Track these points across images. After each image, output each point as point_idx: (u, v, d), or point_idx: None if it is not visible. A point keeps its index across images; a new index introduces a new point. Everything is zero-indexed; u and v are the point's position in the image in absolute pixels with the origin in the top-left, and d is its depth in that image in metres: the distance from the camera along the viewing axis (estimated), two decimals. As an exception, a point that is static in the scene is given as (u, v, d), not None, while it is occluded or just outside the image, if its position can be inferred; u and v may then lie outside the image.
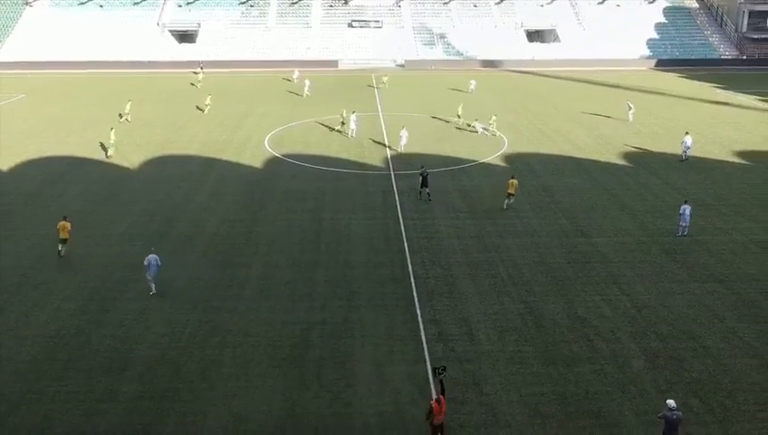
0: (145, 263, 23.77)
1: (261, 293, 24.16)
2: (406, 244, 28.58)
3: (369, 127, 50.21)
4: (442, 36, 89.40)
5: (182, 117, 54.00)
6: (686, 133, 42.73)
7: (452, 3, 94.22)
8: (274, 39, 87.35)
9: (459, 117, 51.24)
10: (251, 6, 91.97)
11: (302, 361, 19.92)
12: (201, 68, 77.97)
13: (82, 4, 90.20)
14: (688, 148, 41.49)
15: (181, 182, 36.96)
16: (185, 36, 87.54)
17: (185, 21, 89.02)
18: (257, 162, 41.13)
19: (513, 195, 32.87)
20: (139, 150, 43.45)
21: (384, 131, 48.89)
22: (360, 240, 28.97)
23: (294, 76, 72.55)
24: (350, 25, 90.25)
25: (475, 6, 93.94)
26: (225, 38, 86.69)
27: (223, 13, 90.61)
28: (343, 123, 48.66)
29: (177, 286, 24.51)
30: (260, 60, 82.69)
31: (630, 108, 53.02)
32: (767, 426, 17.07)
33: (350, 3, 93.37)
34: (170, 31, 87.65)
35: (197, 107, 57.60)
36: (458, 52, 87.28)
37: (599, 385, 18.77)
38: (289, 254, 27.53)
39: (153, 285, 23.84)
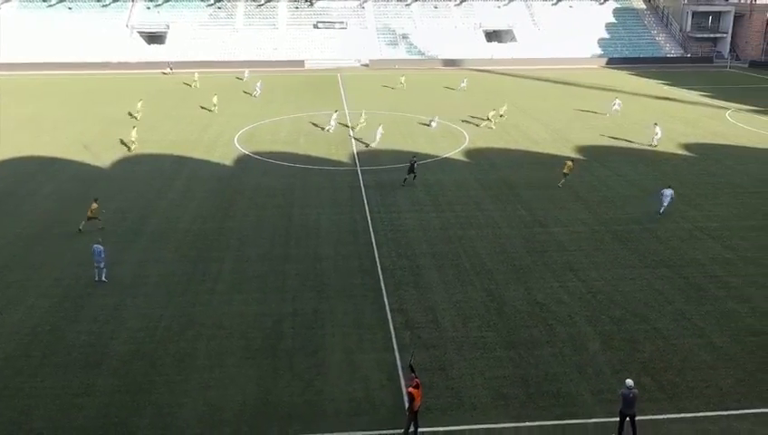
0: (92, 251, 24.13)
1: (233, 286, 23.95)
2: (373, 237, 28.60)
3: (336, 125, 50.10)
4: (404, 36, 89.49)
5: (153, 116, 53.14)
6: (655, 124, 44.87)
7: (413, 4, 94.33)
8: (242, 40, 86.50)
9: (502, 116, 50.82)
10: (219, 8, 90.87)
11: (274, 351, 19.83)
12: (170, 68, 77.16)
13: (51, 6, 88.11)
14: (657, 136, 43.94)
15: (153, 180, 36.39)
16: (154, 37, 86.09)
17: (153, 22, 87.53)
18: (227, 160, 40.70)
19: (567, 175, 35.27)
20: (111, 150, 42.64)
21: (350, 129, 48.77)
22: (329, 234, 28.90)
23: (245, 76, 72.14)
24: (315, 26, 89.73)
25: (436, 8, 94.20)
26: (193, 39, 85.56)
27: (191, 14, 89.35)
28: (364, 122, 48.78)
29: (151, 282, 24.17)
30: (229, 60, 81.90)
31: (615, 104, 53.79)
32: (713, 402, 17.52)
33: (315, 5, 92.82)
34: (139, 32, 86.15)
35: (202, 107, 56.67)
36: (420, 51, 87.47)
37: (557, 367, 19.06)
38: (260, 248, 27.34)
39: (97, 272, 24.00)
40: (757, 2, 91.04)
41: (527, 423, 16.70)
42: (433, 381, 18.28)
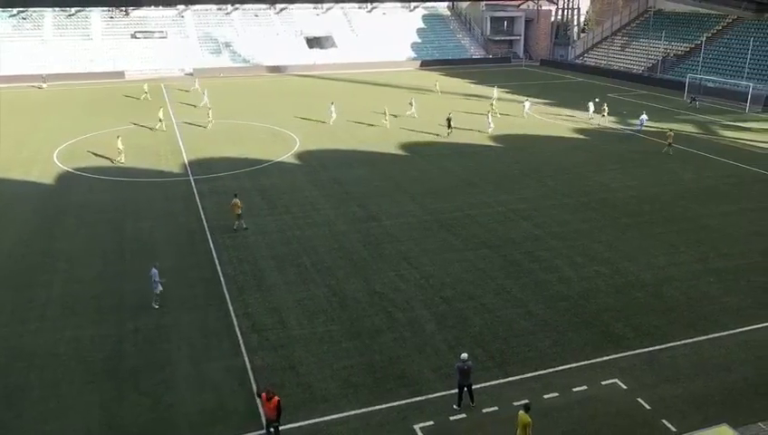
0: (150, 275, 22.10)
1: (66, 310, 21.97)
2: (212, 245, 27.63)
3: (165, 135, 47.73)
4: (227, 45, 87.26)
5: (-45, 137, 47.24)
6: (596, 99, 52.61)
7: (234, 12, 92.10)
8: (53, 51, 79.34)
9: (492, 104, 54.09)
10: (23, 19, 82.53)
11: (116, 372, 18.49)
12: (44, 81, 70.88)
13: None
14: (591, 115, 52.04)
15: (-39, 206, 32.40)
16: (-52, 51, 76.40)
17: (-53, 35, 77.68)
18: (48, 178, 37.20)
19: (672, 144, 41.95)
20: None
21: (179, 138, 46.69)
22: (166, 246, 27.48)
23: (195, 86, 67.44)
24: (133, 36, 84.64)
25: (256, 16, 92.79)
26: (-5, 51, 77.02)
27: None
28: (385, 119, 50.62)
29: (-32, 316, 21.52)
30: (42, 73, 74.76)
31: (526, 106, 55.64)
32: (535, 363, 18.97)
33: (131, 14, 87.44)
34: (-70, 45, 76.03)
35: (192, 123, 50.52)
36: (244, 59, 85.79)
37: (400, 350, 19.65)
38: (92, 268, 25.33)
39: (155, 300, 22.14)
40: (543, 8, 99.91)
41: (376, 407, 17.05)
42: (284, 380, 18.07)
